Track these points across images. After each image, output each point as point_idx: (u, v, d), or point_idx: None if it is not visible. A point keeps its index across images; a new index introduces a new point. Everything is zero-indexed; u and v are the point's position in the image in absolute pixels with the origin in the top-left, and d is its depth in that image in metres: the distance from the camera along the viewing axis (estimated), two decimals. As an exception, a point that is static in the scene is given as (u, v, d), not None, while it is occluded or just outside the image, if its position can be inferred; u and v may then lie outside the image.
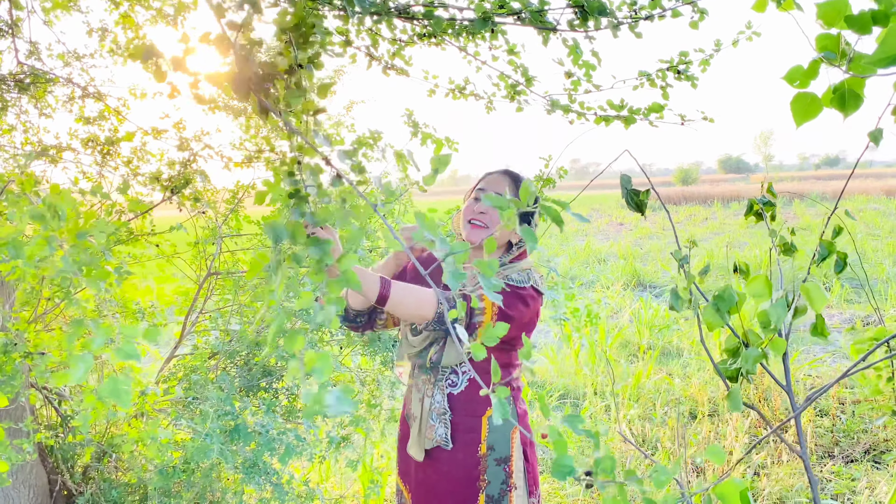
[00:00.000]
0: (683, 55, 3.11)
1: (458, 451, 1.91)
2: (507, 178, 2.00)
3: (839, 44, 1.32)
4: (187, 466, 2.63)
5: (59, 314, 2.84)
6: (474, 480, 1.91)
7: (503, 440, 1.94)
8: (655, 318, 7.39)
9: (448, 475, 1.93)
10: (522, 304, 1.88)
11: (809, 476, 1.51)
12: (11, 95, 2.98)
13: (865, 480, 3.73)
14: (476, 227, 1.93)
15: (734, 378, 1.56)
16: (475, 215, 1.94)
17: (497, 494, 1.92)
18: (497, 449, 1.93)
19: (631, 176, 1.69)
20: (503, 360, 1.95)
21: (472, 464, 1.91)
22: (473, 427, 1.92)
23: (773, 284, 1.45)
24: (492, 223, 1.94)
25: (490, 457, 1.92)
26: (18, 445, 1.90)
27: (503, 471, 1.93)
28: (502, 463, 1.93)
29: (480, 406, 1.93)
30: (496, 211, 1.94)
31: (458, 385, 1.93)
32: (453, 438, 1.91)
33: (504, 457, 1.93)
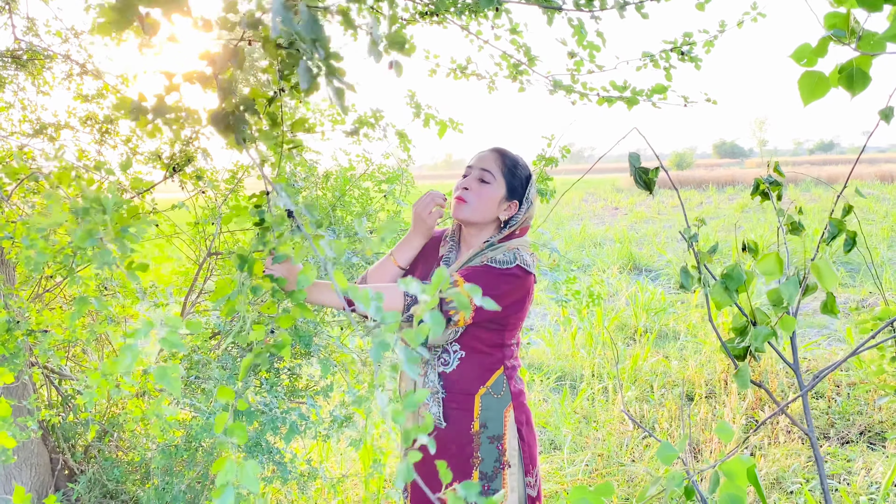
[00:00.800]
0: (687, 36, 3.09)
1: (451, 429, 1.92)
2: (495, 154, 1.99)
3: (848, 21, 1.32)
4: (189, 445, 2.63)
5: (59, 293, 2.83)
6: (468, 457, 1.93)
7: (496, 418, 1.94)
8: (652, 301, 7.41)
9: (441, 453, 1.93)
10: (506, 284, 1.86)
11: (815, 453, 1.51)
12: (9, 72, 2.94)
13: (861, 461, 3.76)
14: (460, 202, 1.93)
15: (741, 356, 1.56)
16: (460, 191, 1.94)
17: (490, 472, 1.93)
18: (490, 427, 1.94)
19: (639, 155, 1.69)
20: (494, 339, 1.95)
21: (465, 441, 1.92)
22: (466, 405, 1.93)
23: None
24: (474, 199, 1.92)
25: (483, 434, 1.93)
26: (23, 423, 1.90)
27: (496, 449, 1.94)
28: (495, 441, 1.94)
29: (473, 384, 1.94)
30: (481, 187, 1.93)
31: (449, 364, 1.93)
32: (446, 417, 1.92)
33: (497, 435, 1.94)
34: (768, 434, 4.13)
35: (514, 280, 1.87)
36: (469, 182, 1.94)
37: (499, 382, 1.97)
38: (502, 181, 1.95)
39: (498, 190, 1.94)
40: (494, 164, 1.96)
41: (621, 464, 3.85)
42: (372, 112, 3.23)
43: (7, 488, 2.43)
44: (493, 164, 1.96)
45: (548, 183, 3.33)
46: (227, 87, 1.04)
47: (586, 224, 16.25)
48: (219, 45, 1.02)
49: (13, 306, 2.02)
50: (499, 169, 1.95)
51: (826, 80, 1.33)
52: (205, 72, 1.03)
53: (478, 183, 1.94)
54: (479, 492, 1.98)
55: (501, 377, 1.98)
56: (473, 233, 1.99)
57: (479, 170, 1.95)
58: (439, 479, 1.92)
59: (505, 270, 1.86)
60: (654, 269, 10.47)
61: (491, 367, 1.96)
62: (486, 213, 1.94)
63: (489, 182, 1.94)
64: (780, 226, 1.67)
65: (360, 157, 3.56)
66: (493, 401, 1.94)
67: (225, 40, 1.03)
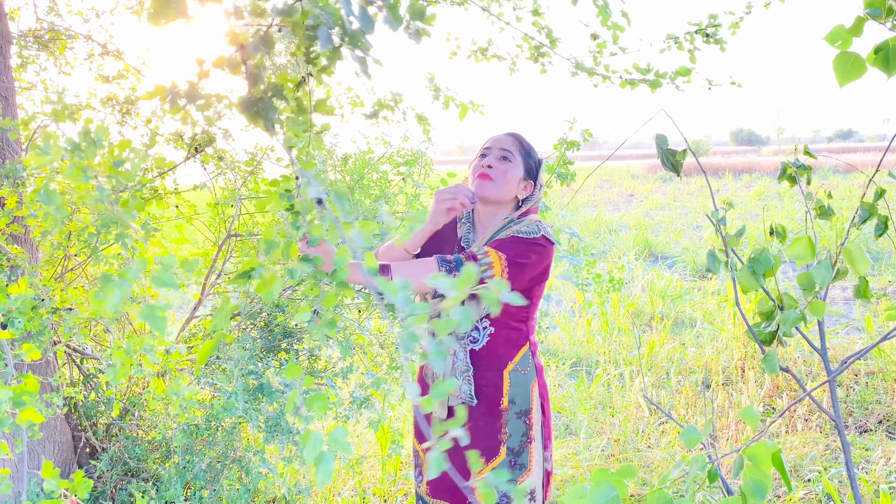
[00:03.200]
0: (713, 17, 3.05)
1: (481, 406, 1.94)
2: (511, 138, 2.02)
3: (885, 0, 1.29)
4: (209, 425, 2.65)
5: (81, 273, 2.85)
6: (496, 434, 1.94)
7: (524, 393, 1.97)
8: (668, 288, 7.38)
9: (471, 431, 1.94)
10: (534, 254, 1.89)
11: (842, 439, 1.50)
12: (31, 52, 2.95)
13: (880, 450, 3.73)
14: (485, 179, 1.94)
15: (768, 341, 1.55)
16: (482, 170, 1.96)
17: (518, 447, 1.96)
18: (518, 402, 1.96)
19: (666, 137, 1.67)
20: (520, 313, 1.98)
21: (495, 418, 1.94)
22: (495, 382, 1.95)
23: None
24: (499, 176, 1.95)
25: (511, 410, 1.95)
26: (48, 399, 1.92)
27: (524, 423, 1.97)
28: (523, 416, 1.97)
29: (501, 361, 1.96)
30: (504, 165, 1.95)
31: (479, 341, 1.95)
32: (477, 394, 1.93)
33: (524, 409, 1.97)
34: (786, 422, 4.11)
35: (541, 249, 1.90)
36: (492, 161, 1.96)
37: (525, 358, 2.00)
38: (521, 161, 1.99)
39: (518, 169, 1.98)
40: (512, 146, 2.00)
41: (637, 449, 3.84)
42: (392, 95, 3.22)
43: (32, 464, 2.46)
44: (511, 145, 2.00)
45: (567, 167, 3.31)
46: (256, 73, 1.04)
47: (601, 211, 16.17)
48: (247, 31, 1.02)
49: (38, 284, 2.03)
50: (517, 150, 1.99)
51: (862, 60, 1.30)
52: (235, 56, 1.03)
53: (500, 161, 1.97)
54: (507, 468, 1.99)
55: (528, 352, 2.01)
56: (490, 211, 2.01)
57: (499, 149, 1.98)
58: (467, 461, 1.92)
59: (532, 240, 1.90)
60: (671, 256, 10.42)
61: (518, 343, 1.99)
62: (509, 191, 1.97)
63: (511, 161, 1.97)
64: (808, 210, 1.65)
65: (379, 139, 3.55)
66: (521, 376, 1.97)
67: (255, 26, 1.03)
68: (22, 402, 1.18)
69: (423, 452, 2.05)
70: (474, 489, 2.13)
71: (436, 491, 2.01)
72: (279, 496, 2.94)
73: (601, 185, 27.06)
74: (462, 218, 2.06)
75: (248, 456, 2.72)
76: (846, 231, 1.45)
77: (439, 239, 2.07)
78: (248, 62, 1.02)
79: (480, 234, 2.03)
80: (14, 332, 1.61)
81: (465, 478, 1.96)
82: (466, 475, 1.96)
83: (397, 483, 3.39)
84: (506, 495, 1.95)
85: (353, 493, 3.26)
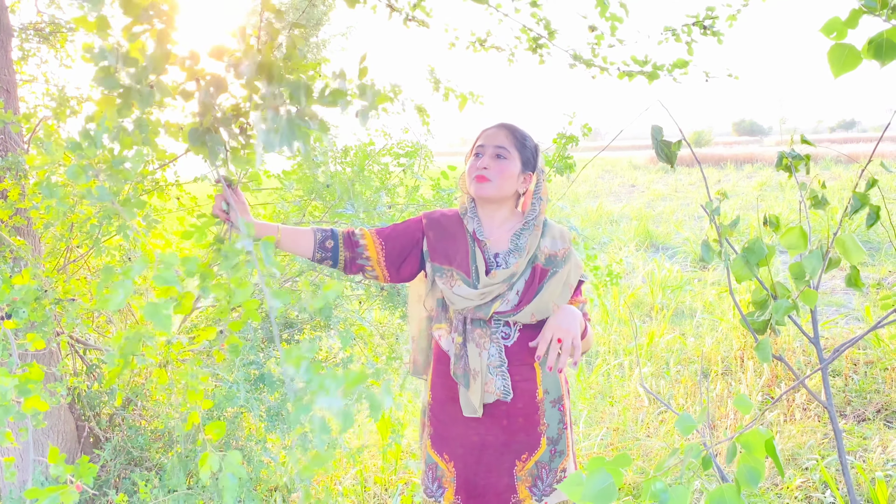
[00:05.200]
0: (710, 10, 3.06)
1: (517, 401, 1.94)
2: (504, 130, 1.98)
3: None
4: (211, 414, 2.68)
5: (83, 265, 2.87)
6: (535, 426, 1.96)
7: (555, 382, 1.99)
8: (668, 279, 7.40)
9: (510, 427, 1.95)
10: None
11: (834, 426, 1.52)
12: (31, 45, 2.97)
13: (878, 439, 3.76)
14: (482, 181, 1.93)
15: (762, 330, 1.57)
16: (479, 171, 1.93)
17: (556, 435, 1.98)
18: (551, 391, 1.98)
19: (661, 128, 1.68)
20: None
21: (533, 410, 1.95)
22: (529, 375, 1.96)
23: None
24: (496, 176, 1.93)
25: (546, 400, 1.97)
26: (52, 389, 1.94)
27: (558, 411, 1.99)
28: (557, 404, 1.99)
29: (531, 353, 1.96)
30: (500, 163, 1.93)
31: (510, 337, 1.94)
32: (513, 389, 1.93)
33: (558, 397, 1.99)
34: (784, 411, 4.14)
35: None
36: (487, 161, 1.93)
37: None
38: (517, 155, 1.96)
39: (515, 164, 1.95)
40: (506, 139, 1.96)
41: (636, 438, 3.87)
42: (391, 87, 3.23)
43: (36, 452, 2.49)
44: (506, 139, 1.96)
45: (566, 160, 3.32)
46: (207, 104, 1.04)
47: (603, 201, 16.17)
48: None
49: (41, 275, 2.06)
50: (511, 143, 1.95)
51: (857, 52, 1.31)
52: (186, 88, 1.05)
53: (496, 160, 1.94)
54: (549, 457, 2.01)
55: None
56: (493, 207, 1.99)
57: (493, 147, 1.95)
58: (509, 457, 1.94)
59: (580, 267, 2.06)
60: (671, 247, 10.43)
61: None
62: (508, 189, 1.95)
63: (506, 158, 1.94)
64: (802, 199, 1.67)
65: (379, 131, 3.56)
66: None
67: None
68: (27, 391, 1.20)
69: (443, 461, 2.01)
70: (517, 487, 2.13)
71: (471, 498, 1.97)
72: (281, 485, 2.97)
73: (602, 175, 27.04)
74: (465, 213, 2.02)
75: (249, 445, 2.75)
76: (839, 221, 1.47)
77: (448, 235, 2.01)
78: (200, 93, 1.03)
79: (489, 227, 2.00)
80: (18, 322, 1.63)
81: (504, 477, 1.97)
82: (505, 474, 1.97)
83: (398, 472, 3.42)
84: (550, 485, 1.97)
85: (354, 481, 3.29)
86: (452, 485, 2.00)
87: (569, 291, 1.95)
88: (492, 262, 1.95)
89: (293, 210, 3.30)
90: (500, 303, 1.90)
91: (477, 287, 1.91)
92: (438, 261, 1.97)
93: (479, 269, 1.93)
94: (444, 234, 2.01)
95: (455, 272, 1.94)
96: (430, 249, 2.00)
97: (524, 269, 1.93)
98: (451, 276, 1.94)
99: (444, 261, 1.96)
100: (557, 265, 1.96)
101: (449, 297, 1.94)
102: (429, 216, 2.05)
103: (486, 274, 1.92)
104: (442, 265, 1.96)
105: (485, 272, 1.93)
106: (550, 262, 1.95)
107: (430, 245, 2.00)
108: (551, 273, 1.94)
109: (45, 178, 1.76)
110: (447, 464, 2.00)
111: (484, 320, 1.92)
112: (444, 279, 1.95)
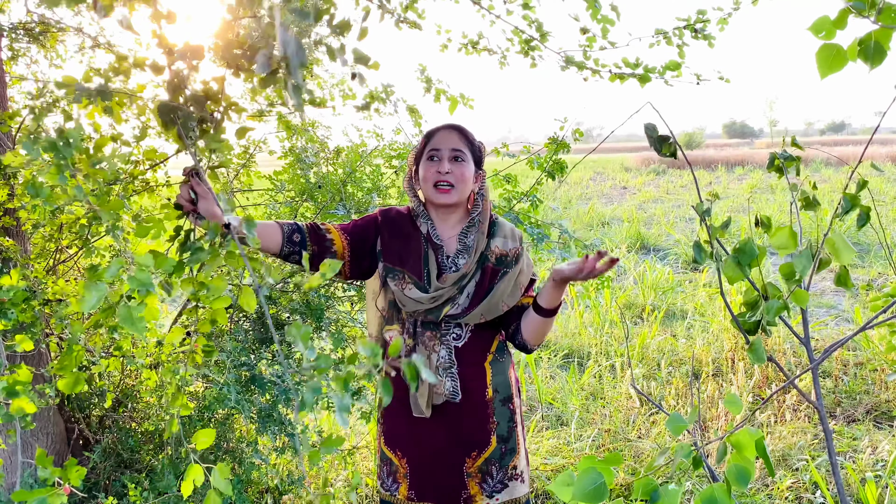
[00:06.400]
0: (701, 13, 3.07)
1: (467, 401, 1.94)
2: (457, 132, 1.97)
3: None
4: (202, 416, 2.67)
5: (72, 266, 2.85)
6: (485, 424, 1.97)
7: (504, 381, 2.01)
8: (660, 280, 7.42)
9: (460, 426, 1.95)
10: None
11: (824, 426, 1.53)
12: (21, 45, 2.95)
13: (867, 440, 3.78)
14: (445, 191, 1.91)
15: (753, 331, 1.57)
16: (440, 177, 1.92)
17: (506, 433, 1.99)
18: (501, 390, 1.99)
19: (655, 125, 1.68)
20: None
21: (482, 409, 1.96)
22: (479, 375, 1.97)
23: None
24: (458, 181, 1.92)
25: (496, 399, 1.98)
26: (41, 390, 1.93)
27: (508, 409, 2.00)
28: (506, 402, 2.00)
29: (483, 353, 1.98)
30: (459, 167, 1.92)
31: (461, 338, 1.95)
32: (462, 389, 1.94)
33: (507, 396, 2.01)
34: (775, 412, 4.16)
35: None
36: (447, 166, 1.92)
37: (501, 345, 2.04)
38: (470, 156, 1.97)
39: (471, 166, 1.96)
40: (461, 141, 1.96)
41: (628, 439, 3.88)
42: (383, 87, 3.23)
43: (25, 455, 2.47)
44: (460, 142, 1.95)
45: (558, 163, 3.32)
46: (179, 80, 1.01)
47: (594, 203, 16.20)
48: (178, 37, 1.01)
49: (29, 276, 2.04)
50: (465, 145, 1.96)
51: (844, 53, 1.32)
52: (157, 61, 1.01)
53: (455, 164, 1.93)
54: (499, 455, 2.02)
55: (501, 340, 2.05)
56: (448, 210, 1.98)
57: (449, 150, 1.93)
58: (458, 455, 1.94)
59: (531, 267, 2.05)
60: (663, 249, 10.47)
61: (493, 334, 2.02)
62: (467, 192, 1.97)
63: (463, 160, 1.94)
64: (793, 200, 1.67)
65: (371, 132, 3.56)
66: (499, 364, 2.00)
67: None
68: (15, 392, 1.19)
69: (396, 458, 2.02)
70: (467, 484, 2.14)
71: (422, 495, 1.99)
72: (272, 487, 2.96)
73: (594, 177, 27.10)
74: (419, 215, 2.00)
75: (240, 447, 2.74)
76: (829, 222, 1.47)
77: (402, 235, 2.00)
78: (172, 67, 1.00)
79: (443, 229, 1.99)
80: (7, 324, 1.62)
81: (454, 474, 1.98)
82: (455, 472, 1.98)
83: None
84: (500, 482, 1.97)
85: (345, 483, 3.29)
86: (406, 480, 2.01)
87: (519, 291, 1.95)
88: (445, 265, 1.96)
89: (285, 211, 3.29)
90: (451, 306, 1.90)
91: (428, 291, 1.91)
92: (391, 261, 1.96)
93: (431, 272, 1.93)
94: (397, 233, 2.00)
95: (407, 275, 1.93)
96: (383, 248, 1.99)
97: (474, 271, 1.93)
98: (403, 279, 1.93)
99: (396, 262, 1.95)
100: (508, 265, 1.95)
101: (400, 299, 1.93)
102: (384, 213, 2.04)
103: (437, 278, 1.93)
104: (394, 266, 1.95)
105: (437, 276, 1.93)
106: (501, 262, 1.95)
107: (383, 244, 1.99)
108: (502, 273, 1.94)
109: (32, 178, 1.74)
110: (400, 460, 2.01)
111: (435, 323, 1.92)
112: (395, 281, 1.94)
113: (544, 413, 4.34)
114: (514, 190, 3.33)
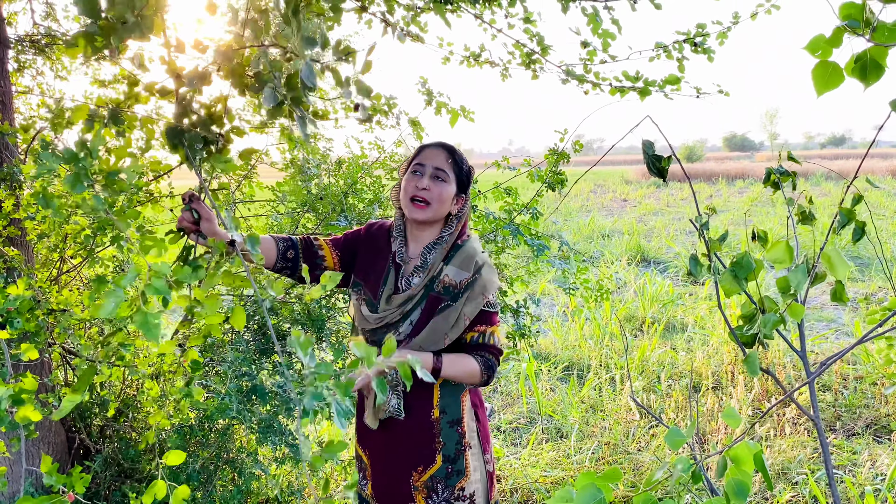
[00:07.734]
0: (701, 27, 3.10)
1: (411, 419, 1.96)
2: (445, 152, 1.98)
3: (863, 12, 1.33)
4: (203, 426, 2.68)
5: (75, 276, 2.87)
6: (430, 443, 1.97)
7: (454, 404, 2.00)
8: (660, 293, 7.43)
9: (404, 441, 1.98)
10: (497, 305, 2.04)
11: (822, 440, 1.54)
12: (27, 57, 2.98)
13: (867, 454, 3.78)
14: (419, 207, 1.93)
15: (750, 344, 1.59)
16: (417, 192, 1.93)
17: (453, 454, 1.98)
18: (449, 412, 1.98)
19: (653, 142, 1.71)
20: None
21: (427, 428, 1.97)
22: (425, 395, 1.97)
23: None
24: (434, 199, 1.93)
25: (443, 420, 1.98)
26: (44, 399, 1.94)
27: (456, 432, 1.99)
28: (455, 425, 1.99)
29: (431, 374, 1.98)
30: (438, 186, 1.93)
31: None
32: (406, 407, 1.95)
33: (456, 419, 1.99)
34: (774, 426, 4.16)
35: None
36: (426, 182, 1.93)
37: None
38: (454, 178, 1.97)
39: (452, 187, 1.96)
40: (446, 161, 1.96)
41: (627, 452, 3.88)
42: (385, 100, 3.26)
43: (28, 463, 2.48)
44: (445, 161, 1.96)
45: (558, 176, 3.34)
46: (187, 104, 1.05)
47: (595, 216, 16.23)
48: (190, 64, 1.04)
49: (34, 286, 2.06)
50: (450, 166, 1.96)
51: (840, 70, 1.34)
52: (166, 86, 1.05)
53: (435, 182, 1.94)
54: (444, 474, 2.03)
55: None
56: (423, 227, 1.99)
57: (433, 168, 1.95)
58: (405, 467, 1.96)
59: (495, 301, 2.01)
60: (663, 262, 10.48)
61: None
62: (443, 211, 1.97)
63: (445, 180, 1.95)
64: (790, 215, 1.69)
65: (373, 144, 3.58)
66: (451, 388, 1.98)
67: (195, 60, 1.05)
68: (20, 401, 1.21)
69: (365, 456, 2.06)
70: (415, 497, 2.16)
71: (381, 496, 2.03)
72: (272, 497, 2.97)
73: (595, 189, 27.15)
74: (394, 232, 2.03)
75: (241, 457, 2.75)
76: (825, 236, 1.49)
77: (374, 250, 2.04)
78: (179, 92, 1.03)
79: (412, 249, 2.01)
80: (13, 332, 1.63)
81: (404, 484, 2.00)
82: (404, 482, 2.00)
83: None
84: (446, 500, 1.98)
85: (343, 493, 3.29)
86: (370, 480, 2.05)
87: (464, 323, 1.91)
88: (401, 286, 1.96)
89: (286, 222, 3.31)
90: (394, 333, 1.91)
91: (377, 311, 1.93)
92: (358, 276, 2.01)
93: (385, 291, 1.95)
94: (371, 248, 2.04)
95: (364, 291, 1.97)
96: (357, 261, 2.03)
97: (420, 298, 1.93)
98: (361, 295, 1.98)
99: (361, 277, 2.00)
100: (454, 297, 1.92)
101: (354, 315, 1.99)
102: (368, 227, 2.09)
103: (387, 299, 1.94)
104: (359, 281, 2.00)
105: (389, 296, 1.94)
106: (448, 292, 1.92)
107: (359, 257, 2.04)
108: (444, 305, 1.91)
109: (42, 189, 1.76)
110: (368, 459, 2.05)
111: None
112: (357, 295, 1.99)
113: (544, 426, 4.34)
114: (515, 202, 3.35)
